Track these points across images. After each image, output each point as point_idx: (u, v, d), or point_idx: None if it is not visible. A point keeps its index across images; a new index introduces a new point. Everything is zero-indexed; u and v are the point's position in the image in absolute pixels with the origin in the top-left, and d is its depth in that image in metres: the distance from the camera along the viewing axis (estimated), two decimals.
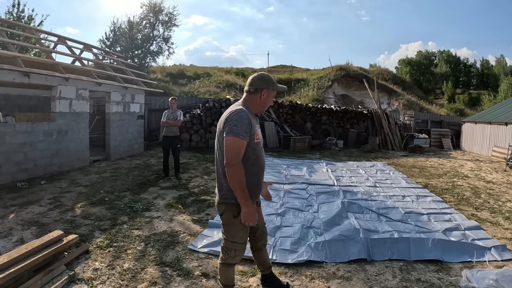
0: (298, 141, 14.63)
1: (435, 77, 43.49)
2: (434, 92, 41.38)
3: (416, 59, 46.77)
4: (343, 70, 31.93)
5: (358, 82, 29.65)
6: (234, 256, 2.92)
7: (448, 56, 47.60)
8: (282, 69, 38.94)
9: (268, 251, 4.21)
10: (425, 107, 29.52)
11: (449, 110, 31.52)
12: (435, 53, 50.28)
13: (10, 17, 17.45)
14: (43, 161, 8.37)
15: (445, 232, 5.00)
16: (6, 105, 10.53)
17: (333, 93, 29.52)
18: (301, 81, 31.08)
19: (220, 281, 3.13)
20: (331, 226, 5.14)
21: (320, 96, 27.79)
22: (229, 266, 3.02)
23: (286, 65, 42.19)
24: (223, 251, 2.97)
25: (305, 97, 27.13)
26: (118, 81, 11.17)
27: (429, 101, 33.55)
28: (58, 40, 11.68)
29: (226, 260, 2.96)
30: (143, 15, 22.57)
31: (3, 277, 3.07)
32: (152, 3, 22.44)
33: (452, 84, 38.75)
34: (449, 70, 44.48)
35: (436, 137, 19.06)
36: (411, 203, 6.61)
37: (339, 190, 7.37)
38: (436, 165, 11.94)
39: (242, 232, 2.87)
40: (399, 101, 29.55)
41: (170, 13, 22.92)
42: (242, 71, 34.27)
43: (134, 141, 12.10)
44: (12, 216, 5.36)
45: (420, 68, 44.35)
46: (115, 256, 4.08)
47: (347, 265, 4.02)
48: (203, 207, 6.14)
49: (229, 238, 2.90)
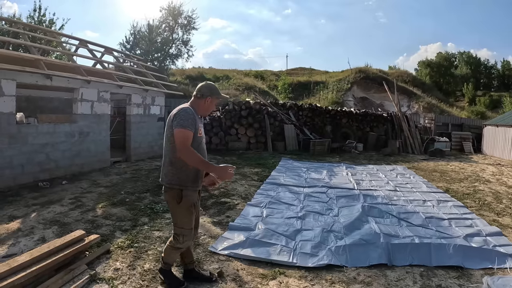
0: (318, 144, 14.47)
1: (455, 79, 42.32)
2: (455, 94, 40.43)
3: (436, 60, 45.65)
4: (362, 73, 31.64)
5: (377, 84, 29.30)
6: (182, 242, 3.21)
7: (468, 57, 46.27)
8: (301, 72, 38.76)
9: (289, 255, 4.21)
10: (445, 109, 28.96)
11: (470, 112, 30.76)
12: (455, 55, 49.05)
13: (32, 21, 17.79)
14: (64, 162, 8.46)
15: (466, 238, 4.85)
16: (28, 106, 10.69)
17: (353, 95, 29.28)
18: (320, 83, 30.88)
19: (163, 258, 3.41)
20: (352, 230, 5.06)
21: (340, 99, 27.58)
22: (177, 249, 3.30)
23: (305, 67, 41.98)
24: (174, 237, 3.26)
25: (324, 99, 26.94)
26: (138, 84, 11.25)
27: (450, 103, 32.87)
28: (80, 44, 11.85)
29: (175, 245, 3.25)
30: (163, 19, 22.75)
31: (24, 275, 3.06)
32: (171, 6, 22.64)
33: (472, 86, 37.62)
34: (470, 71, 43.18)
35: (457, 141, 18.60)
36: (431, 208, 6.44)
37: (359, 194, 7.25)
38: (457, 169, 11.63)
39: (187, 218, 3.17)
40: (419, 103, 29.08)
41: (189, 16, 23.05)
42: (261, 73, 34.24)
43: (154, 143, 12.16)
44: (34, 215, 5.40)
45: (440, 70, 43.25)
46: (135, 257, 4.05)
47: (368, 270, 3.93)
48: (223, 209, 6.08)
49: (177, 224, 3.21)
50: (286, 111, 16.21)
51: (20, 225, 4.95)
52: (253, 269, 3.90)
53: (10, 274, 3.02)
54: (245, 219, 5.48)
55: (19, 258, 3.28)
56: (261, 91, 25.53)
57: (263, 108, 15.21)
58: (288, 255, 4.20)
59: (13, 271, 3.07)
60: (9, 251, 4.08)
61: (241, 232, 4.88)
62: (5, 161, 7.12)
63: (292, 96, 27.78)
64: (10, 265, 3.10)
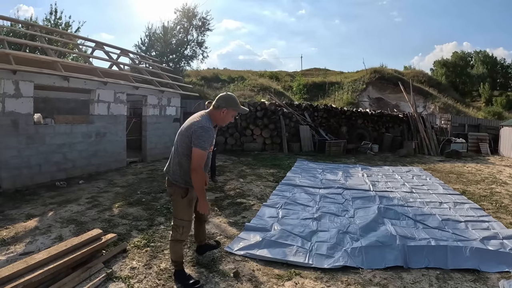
0: (333, 145, 14.35)
1: (472, 79, 41.32)
2: (471, 94, 39.58)
3: (451, 60, 44.55)
4: (377, 73, 31.31)
5: (392, 85, 28.97)
6: (182, 233, 3.44)
7: (484, 56, 45.00)
8: (316, 72, 38.56)
9: (304, 256, 4.18)
10: (461, 110, 28.44)
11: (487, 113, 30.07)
12: (471, 54, 47.79)
13: (48, 24, 18.08)
14: (81, 162, 8.54)
15: (483, 240, 4.72)
16: (46, 107, 10.84)
17: (368, 96, 29.00)
18: (335, 84, 30.66)
19: (171, 257, 3.61)
20: (367, 231, 4.99)
21: (355, 100, 27.34)
22: (178, 242, 3.50)
23: (319, 68, 41.69)
24: (173, 229, 3.49)
25: (339, 100, 26.76)
26: (154, 85, 11.30)
27: (466, 104, 32.22)
28: (96, 46, 11.97)
29: (175, 237, 3.47)
30: (177, 20, 22.93)
31: (42, 273, 3.07)
32: (186, 8, 22.79)
33: (489, 86, 36.65)
34: (486, 71, 41.97)
35: (474, 142, 18.21)
36: (448, 210, 6.30)
37: (375, 196, 7.13)
38: (473, 171, 11.38)
39: (187, 210, 3.45)
40: (435, 104, 28.62)
41: (203, 18, 23.20)
42: (276, 74, 34.14)
43: (169, 144, 12.15)
44: (51, 214, 5.44)
45: (456, 70, 42.22)
46: (152, 256, 4.05)
47: (384, 272, 3.86)
48: (239, 210, 6.05)
49: (177, 216, 3.46)
50: (302, 112, 16.12)
51: (37, 224, 5.00)
52: (268, 269, 3.86)
53: (27, 272, 3.03)
54: (261, 220, 5.44)
55: (36, 256, 3.30)
56: (276, 92, 25.45)
57: (279, 109, 15.13)
58: (304, 256, 4.16)
59: (31, 269, 3.08)
60: (26, 249, 4.11)
61: (257, 232, 4.84)
62: (23, 160, 7.22)
63: (307, 97, 27.67)
64: (28, 262, 3.12)
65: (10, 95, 6.92)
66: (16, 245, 4.23)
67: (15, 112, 7.01)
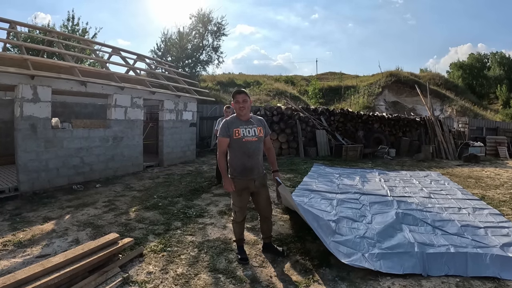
0: (350, 149, 14.17)
1: (489, 81, 40.42)
2: (488, 96, 38.74)
3: (468, 62, 43.67)
4: (393, 76, 31.01)
5: (409, 88, 28.68)
6: (235, 217, 4.11)
7: (501, 58, 43.75)
8: (331, 76, 38.43)
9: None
10: (479, 113, 27.89)
11: (505, 116, 29.40)
12: (488, 55, 46.65)
13: (65, 30, 18.41)
14: (98, 166, 8.60)
15: (503, 247, 4.52)
16: (64, 112, 10.98)
17: (384, 100, 28.70)
18: (351, 88, 30.49)
19: (234, 236, 4.30)
20: (385, 237, 4.84)
21: (371, 103, 27.11)
22: (235, 223, 4.16)
23: (335, 72, 41.54)
24: (232, 212, 4.17)
25: (355, 104, 26.55)
26: (171, 90, 11.35)
27: (483, 106, 31.57)
28: (113, 51, 12.08)
29: (233, 219, 4.17)
30: (193, 26, 23.13)
31: (58, 276, 3.05)
32: (201, 14, 22.95)
33: (506, 88, 35.63)
34: (503, 72, 40.91)
35: (492, 145, 17.82)
36: (467, 216, 6.08)
37: (392, 201, 6.95)
38: (492, 175, 11.07)
39: (236, 199, 4.01)
40: (452, 107, 28.17)
41: (218, 23, 23.31)
42: (291, 78, 34.15)
43: (186, 148, 12.23)
44: (68, 217, 5.45)
45: (473, 72, 41.38)
46: (168, 261, 3.99)
47: (403, 280, 3.73)
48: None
49: (232, 202, 4.10)
50: (318, 116, 16.00)
51: (54, 227, 5.01)
52: (286, 276, 3.77)
53: (44, 275, 3.01)
54: None
55: (53, 259, 3.28)
56: (292, 96, 25.38)
57: (295, 113, 15.04)
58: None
59: (47, 272, 3.06)
60: (43, 251, 4.11)
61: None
62: (41, 164, 7.29)
63: (323, 101, 27.55)
64: (44, 265, 3.10)
65: (28, 100, 7.00)
66: (33, 248, 4.23)
67: (33, 116, 7.09)
